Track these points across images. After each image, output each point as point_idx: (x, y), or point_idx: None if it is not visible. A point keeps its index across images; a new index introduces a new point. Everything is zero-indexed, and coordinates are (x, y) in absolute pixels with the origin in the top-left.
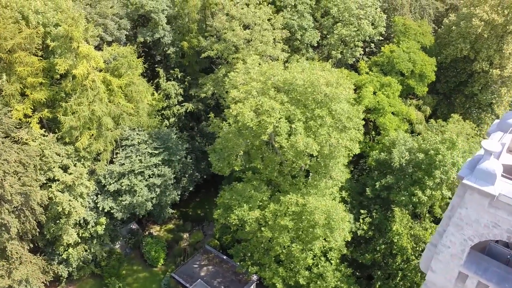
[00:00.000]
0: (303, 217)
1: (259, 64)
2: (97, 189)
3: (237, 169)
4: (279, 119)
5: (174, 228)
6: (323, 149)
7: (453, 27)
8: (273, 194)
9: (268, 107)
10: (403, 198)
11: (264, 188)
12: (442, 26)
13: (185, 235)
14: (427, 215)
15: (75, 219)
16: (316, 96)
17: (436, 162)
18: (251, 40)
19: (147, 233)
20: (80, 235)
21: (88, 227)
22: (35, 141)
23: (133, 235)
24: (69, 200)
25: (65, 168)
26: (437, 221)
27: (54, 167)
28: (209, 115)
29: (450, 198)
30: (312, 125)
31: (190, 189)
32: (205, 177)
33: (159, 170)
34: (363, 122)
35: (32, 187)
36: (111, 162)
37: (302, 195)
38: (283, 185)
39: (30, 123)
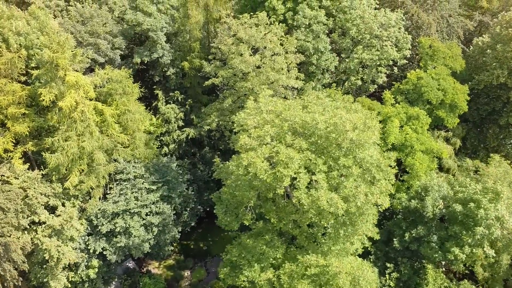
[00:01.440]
0: (322, 277)
1: (273, 102)
2: (89, 228)
3: (247, 224)
4: (298, 169)
5: (175, 264)
6: (350, 205)
7: (488, 50)
8: (287, 248)
9: (284, 158)
10: (436, 255)
11: (278, 243)
12: (472, 47)
13: (186, 273)
14: (464, 271)
15: (64, 263)
16: (341, 143)
17: (478, 218)
18: (261, 66)
19: (144, 270)
20: (70, 280)
21: (79, 271)
22: (18, 179)
23: (129, 275)
24: (58, 246)
25: (52, 209)
26: (475, 279)
27: (39, 209)
28: (215, 160)
29: (493, 257)
30: (335, 175)
31: (192, 224)
32: (208, 209)
33: (157, 207)
34: (395, 171)
35: (13, 236)
36: (104, 197)
37: (323, 253)
38: (299, 239)
39: (12, 158)
